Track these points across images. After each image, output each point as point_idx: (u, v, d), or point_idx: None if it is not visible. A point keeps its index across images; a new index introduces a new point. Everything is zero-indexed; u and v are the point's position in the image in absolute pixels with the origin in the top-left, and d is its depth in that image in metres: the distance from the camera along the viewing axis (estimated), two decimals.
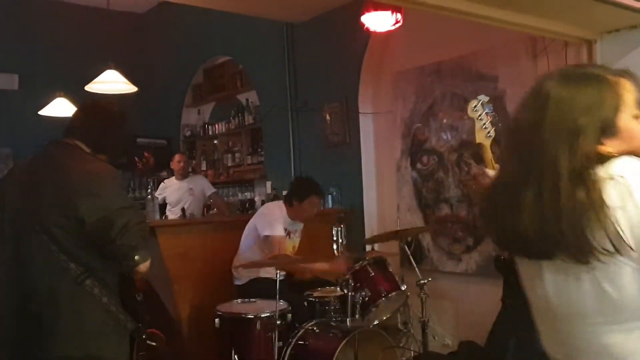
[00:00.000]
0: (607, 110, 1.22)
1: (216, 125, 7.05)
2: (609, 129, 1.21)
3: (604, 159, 1.18)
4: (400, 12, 3.88)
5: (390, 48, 4.82)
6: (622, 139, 1.22)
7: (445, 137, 4.43)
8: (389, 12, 3.85)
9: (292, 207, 3.93)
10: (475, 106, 2.40)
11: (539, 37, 3.58)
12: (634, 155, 1.22)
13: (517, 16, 2.87)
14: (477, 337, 3.39)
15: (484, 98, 2.43)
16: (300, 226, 4.10)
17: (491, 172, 2.35)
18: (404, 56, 4.67)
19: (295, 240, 4.04)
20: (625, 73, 1.31)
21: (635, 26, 3.05)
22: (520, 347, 2.43)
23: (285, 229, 3.92)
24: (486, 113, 2.40)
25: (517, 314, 2.53)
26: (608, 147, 1.20)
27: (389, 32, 4.14)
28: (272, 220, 3.83)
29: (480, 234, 4.17)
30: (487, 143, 2.42)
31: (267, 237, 3.78)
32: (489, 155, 2.42)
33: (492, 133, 2.41)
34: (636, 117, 1.25)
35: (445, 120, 4.42)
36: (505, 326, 2.54)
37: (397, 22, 3.90)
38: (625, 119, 1.23)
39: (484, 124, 2.40)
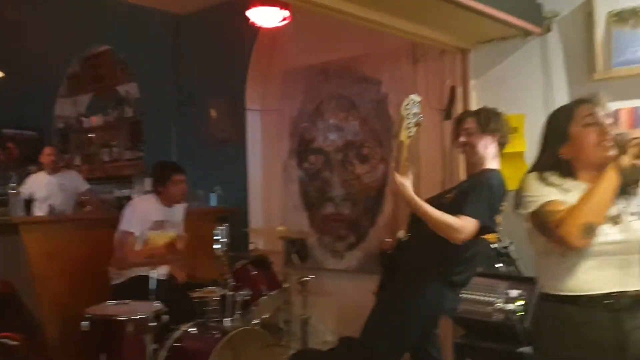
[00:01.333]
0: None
1: (93, 118, 6.66)
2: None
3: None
4: (288, 9, 3.86)
5: (279, 46, 4.80)
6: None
7: (331, 137, 4.48)
8: (277, 8, 3.82)
9: (160, 194, 3.84)
10: (407, 104, 2.44)
11: (418, 44, 3.72)
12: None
13: (399, 21, 2.95)
14: (358, 333, 3.46)
15: (416, 98, 2.47)
16: (179, 214, 3.96)
17: (397, 177, 2.40)
18: (293, 55, 4.67)
19: (172, 232, 3.89)
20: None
21: (505, 38, 3.26)
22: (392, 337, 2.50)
23: (161, 221, 3.78)
24: (414, 113, 2.45)
25: (387, 306, 2.62)
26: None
27: (277, 29, 4.11)
28: (128, 215, 3.71)
29: (362, 232, 4.27)
30: (406, 142, 2.47)
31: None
32: (404, 155, 2.47)
33: (413, 134, 2.46)
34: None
35: (331, 121, 4.48)
36: (375, 318, 2.60)
37: (284, 19, 3.88)
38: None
39: (409, 123, 2.44)
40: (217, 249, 3.33)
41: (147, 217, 3.74)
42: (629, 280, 1.70)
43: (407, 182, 2.44)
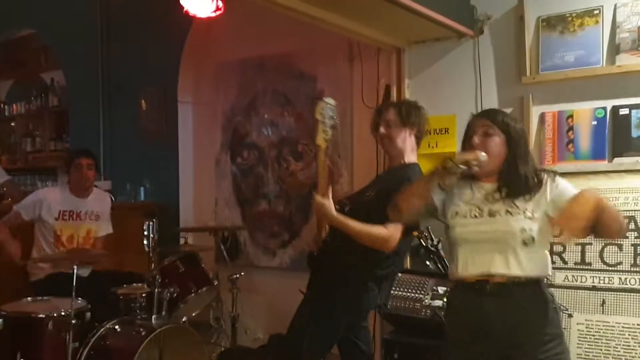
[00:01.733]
0: None
1: (14, 105, 6.33)
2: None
3: None
4: None
5: (213, 37, 4.68)
6: None
7: (265, 132, 4.43)
8: None
9: (70, 182, 3.73)
10: (322, 108, 2.42)
11: (355, 41, 3.73)
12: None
13: (335, 17, 2.93)
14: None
15: (331, 101, 2.47)
16: (98, 206, 3.81)
17: (317, 199, 2.40)
18: (228, 47, 4.57)
19: (92, 224, 3.76)
20: None
21: (439, 39, 3.31)
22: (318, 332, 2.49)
23: (70, 211, 3.65)
24: (330, 117, 2.44)
25: (313, 302, 2.60)
26: None
27: (210, 19, 3.99)
28: (27, 197, 3.66)
29: (296, 229, 4.25)
30: (323, 146, 2.45)
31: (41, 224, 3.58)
32: (322, 157, 2.45)
33: (330, 136, 2.45)
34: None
35: (266, 116, 4.42)
36: (302, 314, 2.59)
37: (218, 9, 3.77)
38: None
39: (325, 127, 2.43)
40: (145, 244, 3.22)
41: (52, 207, 3.60)
42: (492, 267, 1.95)
43: (327, 202, 2.42)
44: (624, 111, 2.78)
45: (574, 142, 2.90)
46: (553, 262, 2.79)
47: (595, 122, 2.85)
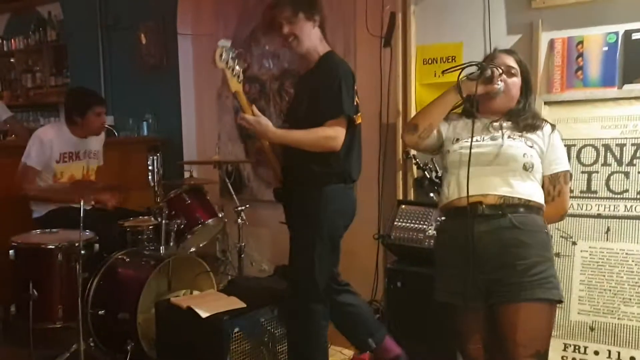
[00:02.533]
0: None
1: (12, 41, 6.22)
2: None
3: None
4: None
5: None
6: None
7: (267, 64, 4.34)
8: None
9: (76, 125, 3.59)
10: (221, 55, 2.28)
11: None
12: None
13: None
14: None
15: (225, 44, 2.30)
16: (95, 144, 3.77)
17: (250, 117, 2.34)
18: None
19: (89, 162, 3.72)
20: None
21: None
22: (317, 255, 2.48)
23: (68, 152, 3.59)
24: (232, 59, 2.31)
25: (300, 228, 2.56)
26: None
27: None
28: (30, 147, 3.48)
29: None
30: (239, 89, 2.36)
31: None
32: (244, 100, 2.37)
33: (242, 76, 2.35)
34: None
35: (267, 47, 4.33)
36: (296, 245, 2.57)
37: None
38: None
39: (233, 71, 2.32)
40: (150, 179, 3.22)
41: (53, 150, 3.52)
42: (488, 189, 1.94)
43: (262, 119, 2.36)
44: (636, 35, 2.70)
45: (583, 69, 2.83)
46: None
47: (606, 48, 2.78)
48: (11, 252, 2.89)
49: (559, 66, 2.87)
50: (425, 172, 3.16)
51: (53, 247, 2.88)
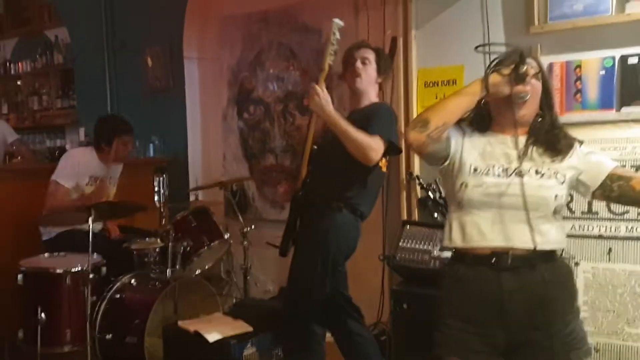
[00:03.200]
0: None
1: (20, 64, 6.30)
2: None
3: None
4: None
5: None
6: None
7: (271, 87, 4.42)
8: None
9: (103, 152, 3.66)
10: (334, 30, 2.45)
11: None
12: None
13: None
14: None
15: (340, 23, 2.47)
16: (116, 171, 3.85)
17: (319, 88, 2.47)
18: (232, 1, 4.51)
19: (110, 189, 3.78)
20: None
21: None
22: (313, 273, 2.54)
23: (95, 177, 3.65)
24: (337, 40, 2.46)
25: (304, 245, 2.64)
26: None
27: None
28: (61, 166, 3.56)
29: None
30: (326, 71, 2.51)
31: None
32: (324, 76, 2.52)
33: (332, 62, 2.50)
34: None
35: (272, 70, 4.40)
36: (296, 262, 2.64)
37: None
38: None
39: (333, 50, 2.47)
40: (156, 200, 3.27)
41: (85, 171, 3.60)
42: (515, 238, 1.63)
43: (326, 94, 2.48)
44: (632, 60, 2.75)
45: (581, 92, 2.88)
46: None
47: (603, 72, 2.83)
48: (19, 276, 2.93)
49: (558, 89, 2.92)
50: (429, 193, 3.19)
51: (61, 271, 2.92)
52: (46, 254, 3.23)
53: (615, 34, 2.80)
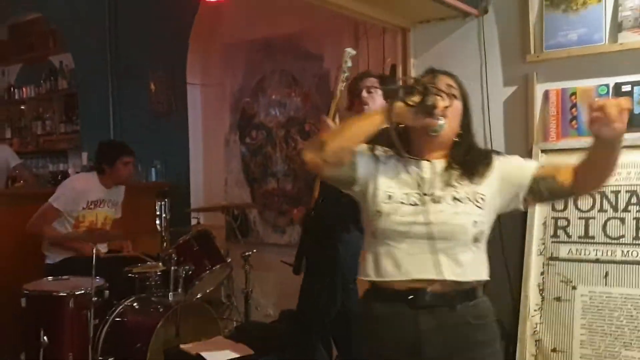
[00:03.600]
0: None
1: (24, 89, 6.38)
2: None
3: None
4: None
5: (220, 19, 4.72)
6: None
7: (273, 112, 4.49)
8: None
9: (105, 174, 3.75)
10: (346, 58, 2.51)
11: (361, 21, 3.76)
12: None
13: None
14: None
15: (352, 51, 2.55)
16: (119, 195, 3.90)
17: (331, 124, 2.48)
18: (235, 29, 4.61)
19: (109, 211, 3.83)
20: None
21: (443, 18, 3.34)
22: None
23: (94, 201, 3.71)
24: (348, 67, 2.53)
25: (314, 264, 2.69)
26: None
27: (218, 2, 4.05)
28: (60, 191, 3.64)
29: (304, 207, 4.32)
30: (338, 97, 2.55)
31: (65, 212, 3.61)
32: (333, 109, 2.56)
33: (343, 88, 2.56)
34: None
35: (273, 96, 4.48)
36: (306, 281, 2.69)
37: None
38: None
39: (344, 77, 2.53)
40: (158, 224, 3.31)
41: (84, 197, 3.66)
42: (432, 270, 1.51)
43: (331, 125, 2.51)
44: (626, 88, 2.82)
45: (577, 119, 2.95)
46: (557, 236, 2.89)
47: (598, 99, 2.90)
48: (22, 299, 2.95)
49: (554, 116, 2.99)
50: None
51: (65, 294, 2.95)
52: (50, 277, 3.26)
53: (609, 63, 2.88)
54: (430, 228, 1.50)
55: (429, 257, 1.51)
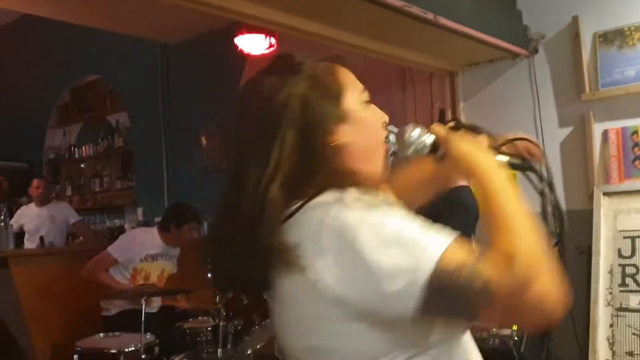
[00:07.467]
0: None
1: (83, 148, 6.64)
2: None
3: None
4: (274, 36, 3.89)
5: None
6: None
7: None
8: (263, 36, 3.85)
9: (168, 232, 3.78)
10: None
11: (407, 67, 3.74)
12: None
13: (388, 48, 2.97)
14: None
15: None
16: (174, 251, 3.92)
17: None
18: None
19: (167, 264, 3.85)
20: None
21: (492, 60, 3.28)
22: None
23: (152, 255, 3.75)
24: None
25: None
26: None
27: (264, 56, 4.12)
28: (121, 241, 3.73)
29: None
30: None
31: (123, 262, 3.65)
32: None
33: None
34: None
35: None
36: None
37: (271, 45, 3.90)
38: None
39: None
40: (210, 278, 3.28)
41: (142, 249, 3.70)
42: None
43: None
44: None
45: None
46: (626, 285, 2.68)
47: None
48: (75, 357, 2.96)
49: (615, 156, 2.84)
50: None
51: (115, 351, 2.93)
52: (101, 334, 3.26)
53: None
54: None
55: None
